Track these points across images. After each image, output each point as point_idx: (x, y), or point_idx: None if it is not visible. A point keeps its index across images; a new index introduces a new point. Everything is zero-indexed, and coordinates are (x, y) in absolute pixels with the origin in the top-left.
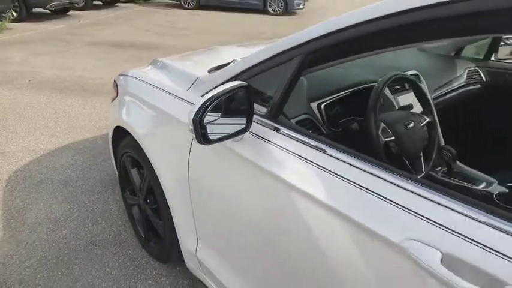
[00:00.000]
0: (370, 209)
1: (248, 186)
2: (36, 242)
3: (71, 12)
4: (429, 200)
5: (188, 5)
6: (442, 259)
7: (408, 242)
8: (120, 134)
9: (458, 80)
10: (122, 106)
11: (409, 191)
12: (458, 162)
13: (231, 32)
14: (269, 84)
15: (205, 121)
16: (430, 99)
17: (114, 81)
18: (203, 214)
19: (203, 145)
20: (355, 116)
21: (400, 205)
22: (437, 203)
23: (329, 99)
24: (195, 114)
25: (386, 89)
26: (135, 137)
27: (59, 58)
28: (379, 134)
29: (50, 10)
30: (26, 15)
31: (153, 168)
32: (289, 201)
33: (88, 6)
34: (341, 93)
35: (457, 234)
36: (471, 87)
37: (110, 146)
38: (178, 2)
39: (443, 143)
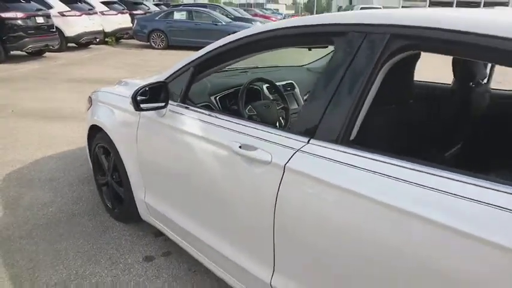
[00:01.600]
0: (227, 136)
1: (171, 144)
2: (30, 216)
3: (47, 54)
4: (242, 125)
5: (158, 46)
6: (240, 146)
7: (230, 143)
8: (93, 133)
9: None
10: (95, 111)
11: (238, 123)
12: None
13: None
14: (181, 83)
15: (138, 99)
16: (283, 94)
17: (89, 97)
18: (147, 171)
19: (144, 126)
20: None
21: (234, 130)
22: (244, 125)
23: (221, 94)
24: (132, 94)
25: (265, 89)
26: (105, 131)
27: (38, 93)
28: (246, 111)
29: (27, 52)
30: (5, 57)
31: (117, 150)
32: (195, 146)
33: (63, 48)
34: (228, 90)
35: (248, 136)
36: None
37: (86, 142)
38: (149, 43)
39: None
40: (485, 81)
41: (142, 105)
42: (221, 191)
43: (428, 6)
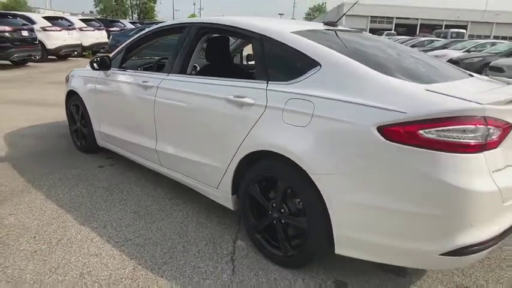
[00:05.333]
0: (138, 79)
1: (112, 90)
2: (26, 150)
3: (30, 64)
4: (146, 73)
5: None
6: (142, 81)
7: (138, 81)
8: (68, 98)
9: None
10: (70, 82)
11: (144, 73)
12: None
13: None
14: (119, 58)
15: (94, 64)
16: None
17: (67, 75)
18: (101, 110)
19: (99, 83)
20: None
21: (142, 76)
22: (146, 73)
23: (145, 66)
24: (90, 61)
25: None
26: (77, 92)
27: (24, 90)
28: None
29: (11, 61)
30: None
31: (84, 103)
32: (124, 88)
33: (44, 59)
34: (149, 65)
35: (146, 77)
36: None
37: (64, 103)
38: None
39: None
40: None
41: (96, 68)
42: (134, 107)
43: (394, 29)
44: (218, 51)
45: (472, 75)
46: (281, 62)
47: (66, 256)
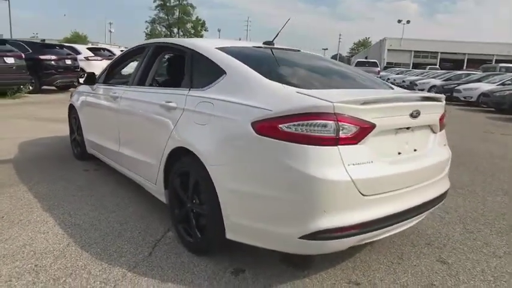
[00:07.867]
0: (112, 91)
1: (95, 102)
2: (33, 155)
3: (72, 89)
4: (121, 87)
5: None
6: (113, 93)
7: (112, 94)
8: (70, 110)
9: None
10: (73, 97)
11: (119, 87)
12: None
13: None
14: (103, 75)
15: (81, 81)
16: None
17: (71, 93)
18: (88, 119)
19: (88, 96)
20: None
21: (116, 89)
22: (120, 87)
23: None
24: (76, 78)
25: None
26: (75, 107)
27: (56, 110)
28: None
29: (55, 86)
30: (38, 89)
31: (79, 116)
32: (103, 99)
33: None
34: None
35: (118, 90)
36: None
37: (67, 115)
38: None
39: None
40: None
41: (83, 84)
42: (107, 115)
43: (439, 64)
44: (171, 66)
45: (392, 88)
46: (202, 72)
47: (19, 232)
